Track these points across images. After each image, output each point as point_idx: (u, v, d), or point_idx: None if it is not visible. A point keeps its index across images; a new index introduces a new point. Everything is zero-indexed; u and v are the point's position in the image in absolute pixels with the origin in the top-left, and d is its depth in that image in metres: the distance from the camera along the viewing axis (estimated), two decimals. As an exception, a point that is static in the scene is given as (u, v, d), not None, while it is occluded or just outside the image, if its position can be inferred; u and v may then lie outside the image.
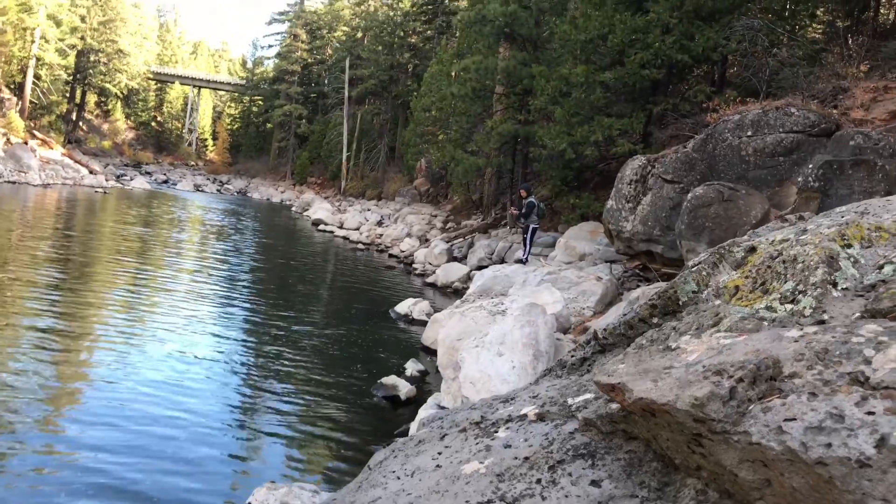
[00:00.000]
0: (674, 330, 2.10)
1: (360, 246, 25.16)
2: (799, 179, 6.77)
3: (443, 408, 6.00)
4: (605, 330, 2.53)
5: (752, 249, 2.27)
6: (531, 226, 14.10)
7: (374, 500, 2.00)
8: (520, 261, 13.97)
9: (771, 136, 8.49)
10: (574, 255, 12.82)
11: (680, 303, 2.28)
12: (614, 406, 1.81)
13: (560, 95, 15.84)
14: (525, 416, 2.18)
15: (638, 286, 9.19)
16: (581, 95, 14.99)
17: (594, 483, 1.74)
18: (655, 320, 2.32)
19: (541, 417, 2.13)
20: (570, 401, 2.11)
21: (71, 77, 61.51)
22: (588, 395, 2.06)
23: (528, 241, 14.21)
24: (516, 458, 1.93)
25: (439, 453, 2.18)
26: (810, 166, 6.65)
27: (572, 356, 2.66)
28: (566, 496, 1.72)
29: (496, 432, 2.15)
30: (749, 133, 8.69)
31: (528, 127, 19.01)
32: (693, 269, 2.32)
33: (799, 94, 10.06)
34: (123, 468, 4.98)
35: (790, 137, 8.39)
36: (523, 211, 14.28)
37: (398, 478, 2.13)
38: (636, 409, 1.63)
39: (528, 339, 6.03)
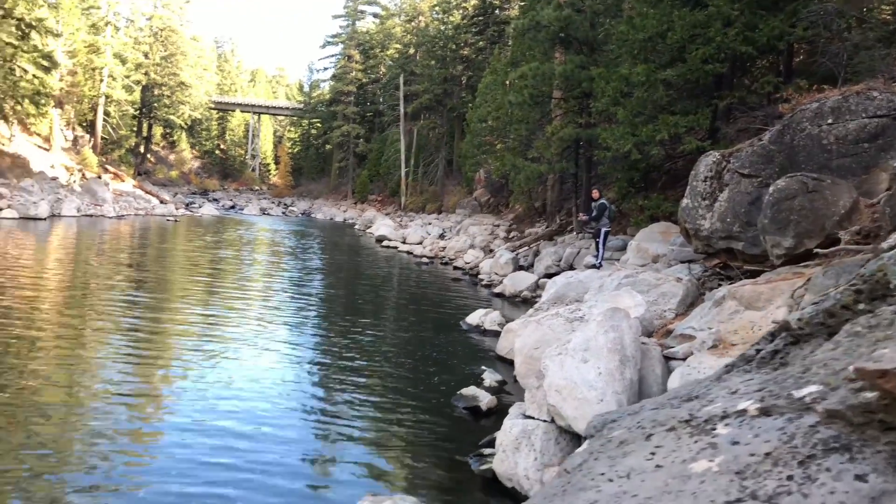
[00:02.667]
0: None
1: (425, 259, 25.25)
2: (894, 164, 6.44)
3: (529, 417, 5.89)
4: (799, 320, 2.40)
5: None
6: (603, 229, 13.85)
7: (591, 503, 1.95)
8: (593, 266, 13.73)
9: (853, 122, 8.13)
10: (647, 257, 12.53)
11: (891, 286, 2.15)
12: (870, 395, 1.70)
13: (621, 96, 15.58)
14: (744, 411, 2.09)
15: (720, 285, 8.89)
16: (643, 95, 14.71)
17: (859, 478, 1.64)
18: (862, 306, 2.18)
19: (765, 412, 2.03)
20: (795, 393, 2.00)
21: (138, 111, 64.00)
22: (814, 388, 1.95)
23: (600, 245, 13.96)
24: (753, 454, 1.84)
25: (652, 453, 2.10)
26: (908, 149, 6.34)
27: (758, 350, 2.54)
28: (831, 492, 1.63)
29: (714, 430, 2.07)
30: (829, 121, 8.34)
31: (589, 130, 18.76)
32: None
33: (879, 77, 9.62)
34: (211, 482, 5.03)
35: (874, 122, 8.01)
36: (594, 214, 14.05)
37: (610, 480, 2.07)
38: None
39: (613, 344, 5.87)
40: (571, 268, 15.95)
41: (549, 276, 15.50)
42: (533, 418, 5.85)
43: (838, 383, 1.84)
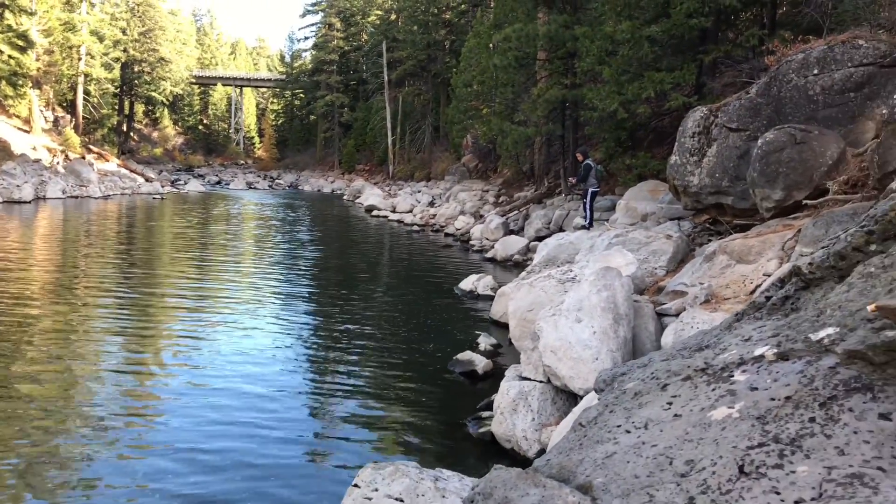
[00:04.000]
0: None
1: (415, 228, 25.22)
2: (883, 112, 6.43)
3: (525, 378, 5.94)
4: (810, 265, 2.39)
5: None
6: (590, 189, 13.84)
7: (609, 455, 1.95)
8: (582, 227, 13.75)
9: (839, 71, 8.09)
10: (636, 216, 12.55)
11: None
12: (892, 333, 1.70)
13: (606, 55, 15.45)
14: (762, 356, 2.09)
15: (710, 240, 8.93)
16: (628, 52, 14.58)
17: (884, 416, 1.65)
18: (874, 247, 2.18)
19: (783, 356, 2.04)
20: (812, 336, 2.01)
21: (118, 89, 63.07)
22: (831, 329, 1.96)
23: (588, 207, 13.96)
24: (773, 398, 1.84)
25: (669, 403, 2.11)
26: (895, 97, 6.30)
27: (768, 297, 2.55)
28: (854, 432, 1.63)
29: (732, 376, 2.07)
30: (815, 71, 8.29)
31: (575, 91, 18.62)
32: None
33: (864, 26, 9.57)
34: (210, 454, 5.07)
35: (860, 71, 7.98)
36: (580, 174, 14.03)
37: (628, 431, 2.08)
38: None
39: (606, 303, 5.89)
40: (561, 230, 15.96)
41: (540, 238, 15.50)
42: (529, 379, 5.90)
43: (856, 324, 1.84)
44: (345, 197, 44.43)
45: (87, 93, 52.86)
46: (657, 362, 2.53)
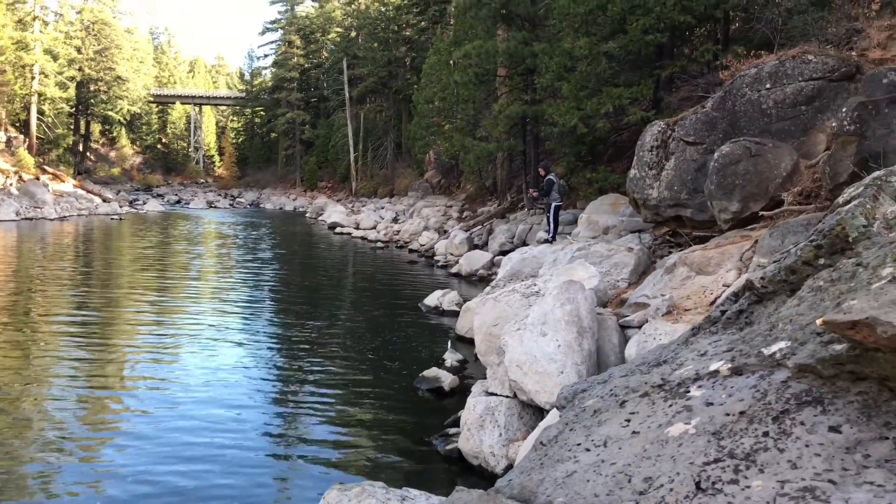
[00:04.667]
0: (860, 266, 2.00)
1: (379, 244, 25.14)
2: (833, 124, 6.61)
3: (491, 394, 5.94)
4: (762, 279, 2.43)
5: None
6: (553, 203, 13.94)
7: (569, 474, 1.94)
8: (546, 241, 13.83)
9: (791, 85, 8.32)
10: (598, 229, 12.69)
11: (850, 239, 2.19)
12: (839, 347, 1.72)
13: (565, 71, 15.66)
14: (717, 372, 2.11)
15: (670, 252, 9.06)
16: (587, 68, 14.82)
17: (833, 429, 1.67)
18: (822, 261, 2.23)
19: (737, 371, 2.06)
20: (765, 350, 2.03)
21: (74, 109, 61.89)
22: (783, 343, 1.98)
23: (551, 220, 14.06)
24: (728, 413, 1.86)
25: (627, 420, 2.11)
26: (844, 110, 6.47)
27: (723, 311, 2.58)
28: (806, 445, 1.65)
29: (688, 392, 2.09)
30: (768, 85, 8.51)
31: (535, 106, 18.82)
32: (855, 204, 2.23)
33: (812, 41, 9.85)
34: (176, 485, 4.95)
35: (811, 85, 8.21)
36: (543, 189, 14.14)
37: (587, 449, 2.08)
38: (893, 342, 1.55)
39: (569, 316, 5.93)
40: (525, 244, 16.06)
41: (504, 253, 15.57)
42: (496, 395, 5.90)
43: (806, 338, 1.87)
44: (307, 214, 44.10)
45: (41, 112, 51.80)
46: (617, 378, 2.55)
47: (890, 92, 6.29)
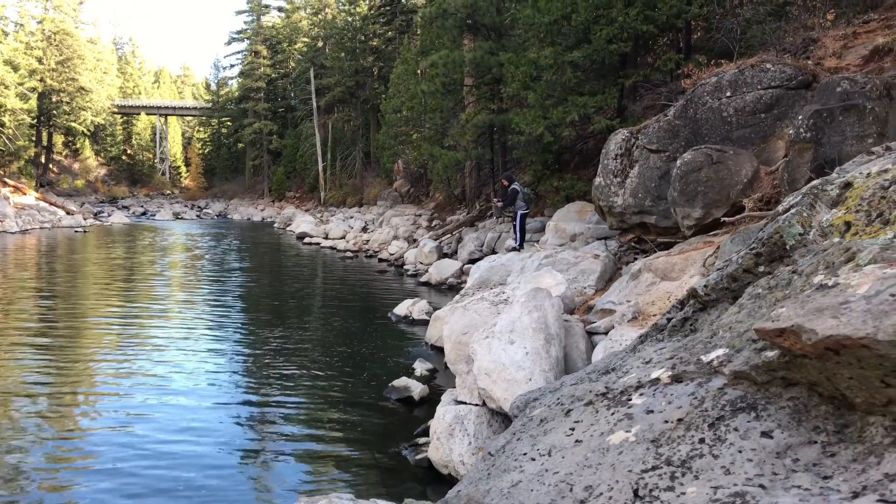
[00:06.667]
0: (795, 274, 2.06)
1: (349, 254, 25.05)
2: (790, 132, 6.78)
3: (461, 402, 5.95)
4: (705, 287, 2.48)
5: (848, 185, 2.25)
6: (519, 212, 14.08)
7: (514, 484, 1.96)
8: (514, 249, 13.93)
9: (750, 94, 8.50)
10: (565, 236, 12.80)
11: (787, 247, 2.25)
12: (771, 353, 1.77)
13: (531, 80, 15.81)
14: (658, 379, 2.14)
15: (636, 258, 9.19)
16: (552, 77, 14.98)
17: (765, 434, 1.71)
18: (762, 269, 2.28)
19: (677, 379, 2.09)
20: (704, 358, 2.07)
21: (35, 120, 60.76)
22: (721, 351, 2.02)
23: (517, 229, 14.18)
24: (667, 421, 1.89)
25: (572, 429, 2.14)
26: (800, 118, 6.64)
27: (669, 319, 2.62)
28: (739, 451, 1.69)
29: (630, 400, 2.12)
30: (728, 94, 8.69)
31: (502, 115, 18.97)
32: (793, 213, 2.28)
33: (771, 50, 10.08)
34: (139, 488, 4.89)
35: (769, 93, 8.40)
36: (507, 199, 14.27)
37: (533, 459, 2.09)
38: (817, 349, 1.59)
39: (537, 323, 5.99)
40: (493, 252, 16.14)
41: (473, 261, 15.64)
42: (465, 403, 5.92)
43: (742, 345, 1.92)
44: (276, 225, 43.78)
45: (1, 124, 50.81)
46: (567, 386, 2.59)
47: (843, 100, 6.46)
